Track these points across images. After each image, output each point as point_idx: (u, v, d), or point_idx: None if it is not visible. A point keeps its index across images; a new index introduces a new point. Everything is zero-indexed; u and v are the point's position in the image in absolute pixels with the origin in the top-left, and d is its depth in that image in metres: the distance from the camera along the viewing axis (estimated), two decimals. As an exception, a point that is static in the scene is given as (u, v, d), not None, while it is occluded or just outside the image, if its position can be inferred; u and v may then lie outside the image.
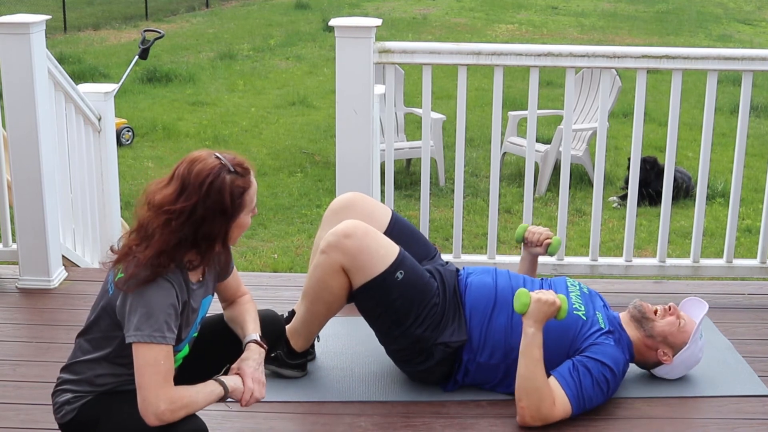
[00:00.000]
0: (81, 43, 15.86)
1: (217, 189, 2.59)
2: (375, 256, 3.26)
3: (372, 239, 3.28)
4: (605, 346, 3.31)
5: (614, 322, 3.45)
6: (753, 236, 6.84)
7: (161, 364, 2.53)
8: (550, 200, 7.89)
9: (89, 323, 2.74)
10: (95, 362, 2.69)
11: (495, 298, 3.39)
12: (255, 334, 2.88)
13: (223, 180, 2.60)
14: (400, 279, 3.27)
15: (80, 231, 4.90)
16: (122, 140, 9.33)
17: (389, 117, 4.50)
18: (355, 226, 3.28)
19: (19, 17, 4.17)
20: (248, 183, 2.67)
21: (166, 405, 2.52)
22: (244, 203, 2.66)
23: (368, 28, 4.12)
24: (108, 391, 2.70)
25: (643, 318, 3.47)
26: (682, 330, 3.47)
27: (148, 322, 2.53)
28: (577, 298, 3.45)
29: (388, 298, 3.27)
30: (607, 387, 3.28)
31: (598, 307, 3.48)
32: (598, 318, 3.41)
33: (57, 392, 2.75)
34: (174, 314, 2.58)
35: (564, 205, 4.44)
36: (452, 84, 4.13)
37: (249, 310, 2.97)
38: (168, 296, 2.57)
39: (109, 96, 4.99)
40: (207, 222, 2.59)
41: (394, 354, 3.45)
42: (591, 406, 3.25)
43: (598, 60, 4.25)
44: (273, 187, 8.27)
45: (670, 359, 3.46)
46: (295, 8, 20.70)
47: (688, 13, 21.17)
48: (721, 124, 9.99)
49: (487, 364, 3.36)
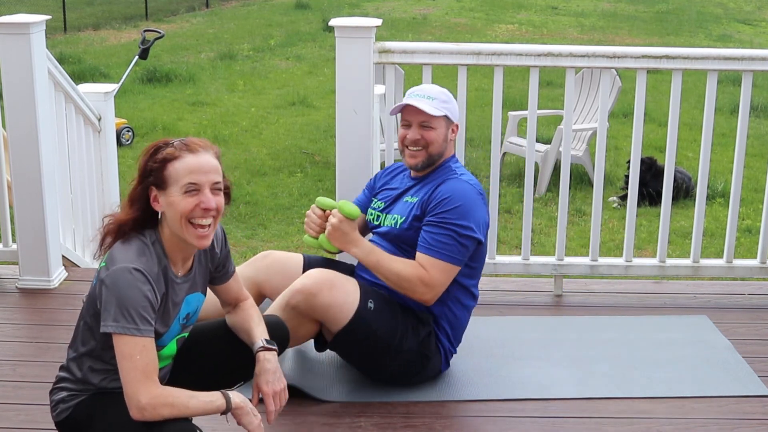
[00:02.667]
0: (81, 43, 15.86)
1: (147, 153, 2.67)
2: (344, 302, 3.28)
3: (338, 289, 3.29)
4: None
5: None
6: (753, 236, 6.84)
7: (137, 358, 2.52)
8: (550, 200, 7.89)
9: (78, 319, 2.76)
10: (85, 357, 2.70)
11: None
12: (262, 340, 2.89)
13: (156, 147, 2.67)
14: (373, 308, 3.31)
15: (80, 231, 4.90)
16: (122, 140, 9.32)
17: (389, 117, 4.49)
18: (320, 283, 3.27)
19: (19, 17, 4.17)
20: (176, 154, 2.64)
21: (147, 399, 2.52)
22: (165, 172, 2.63)
23: (368, 28, 4.12)
24: (102, 389, 2.70)
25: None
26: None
27: (122, 313, 2.52)
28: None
29: (370, 329, 3.31)
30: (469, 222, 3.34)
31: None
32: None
33: (54, 390, 2.76)
34: (149, 306, 2.57)
35: (564, 205, 4.44)
36: (452, 84, 4.12)
37: (252, 315, 2.98)
38: (142, 288, 2.55)
39: (109, 96, 4.99)
40: (134, 182, 2.68)
41: (399, 373, 3.44)
42: (467, 248, 3.33)
43: (598, 60, 4.25)
44: (273, 187, 8.26)
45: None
46: (295, 8, 20.70)
47: (688, 13, 21.16)
48: (721, 124, 9.98)
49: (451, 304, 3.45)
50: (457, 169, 3.48)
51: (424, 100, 3.43)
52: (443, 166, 3.49)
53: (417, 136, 3.44)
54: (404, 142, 3.48)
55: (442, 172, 3.47)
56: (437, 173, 3.48)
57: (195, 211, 2.63)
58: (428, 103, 3.43)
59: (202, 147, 2.67)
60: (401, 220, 3.46)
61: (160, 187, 2.64)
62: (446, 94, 3.49)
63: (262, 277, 3.54)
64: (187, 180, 2.62)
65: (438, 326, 3.46)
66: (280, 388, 2.84)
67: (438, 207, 3.34)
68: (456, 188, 3.37)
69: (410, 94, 3.47)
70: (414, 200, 3.47)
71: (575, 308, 4.31)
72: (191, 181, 2.62)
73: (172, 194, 2.63)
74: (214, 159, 2.68)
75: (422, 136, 3.44)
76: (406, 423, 3.26)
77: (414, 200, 3.47)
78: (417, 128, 3.44)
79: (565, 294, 4.47)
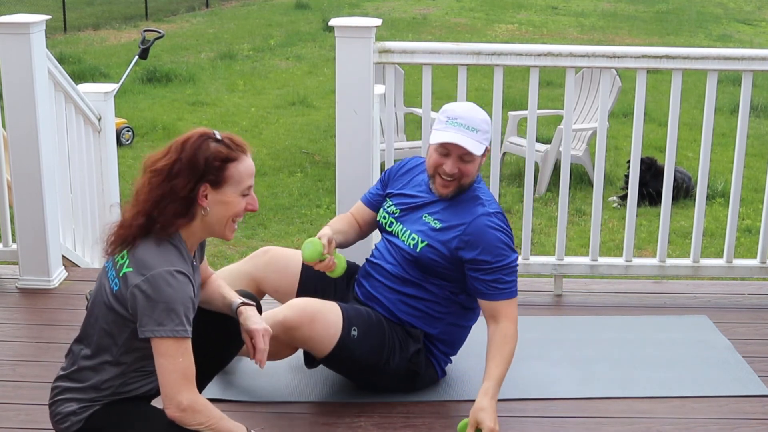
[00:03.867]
0: (81, 43, 15.85)
1: (194, 147, 2.61)
2: (326, 334, 3.23)
3: (319, 322, 3.21)
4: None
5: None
6: (753, 236, 6.84)
7: (179, 360, 2.53)
8: (550, 200, 7.89)
9: (87, 326, 2.70)
10: (100, 367, 2.65)
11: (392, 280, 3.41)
12: (238, 299, 2.91)
13: (203, 142, 2.62)
14: (356, 335, 3.27)
15: (80, 231, 4.90)
16: (122, 140, 9.32)
17: (389, 117, 4.49)
18: (300, 317, 3.19)
19: (19, 17, 4.17)
20: (234, 155, 2.64)
21: (188, 402, 2.53)
22: (227, 173, 2.62)
23: (368, 28, 4.12)
24: (115, 399, 2.66)
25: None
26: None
27: (170, 316, 2.51)
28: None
29: (353, 356, 3.29)
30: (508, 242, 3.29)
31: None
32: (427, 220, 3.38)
33: (58, 402, 2.69)
34: (192, 307, 2.58)
35: (564, 205, 4.44)
36: (452, 84, 4.13)
37: (221, 284, 3.00)
38: (186, 290, 2.55)
39: (109, 96, 4.99)
40: (180, 177, 2.59)
41: (391, 386, 3.43)
42: (515, 271, 3.32)
43: (598, 60, 4.25)
44: (273, 187, 8.27)
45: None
46: (295, 8, 20.69)
47: (688, 13, 21.16)
48: (721, 124, 9.98)
49: (440, 321, 3.42)
50: (482, 195, 3.35)
51: (468, 133, 3.23)
52: (470, 187, 3.36)
53: (455, 169, 3.27)
54: (437, 169, 3.31)
55: (467, 197, 3.35)
56: (463, 196, 3.35)
57: (243, 213, 2.69)
58: (473, 137, 3.24)
59: (248, 147, 2.70)
60: (422, 245, 3.33)
61: (216, 185, 2.62)
62: (488, 122, 3.32)
63: (260, 274, 3.54)
64: (248, 183, 2.67)
65: (431, 344, 3.44)
66: (264, 327, 2.84)
67: (485, 260, 3.24)
68: (492, 235, 3.25)
69: (453, 121, 3.26)
70: (437, 225, 3.33)
71: (575, 308, 4.31)
72: (251, 185, 2.68)
73: (227, 194, 2.63)
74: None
75: (459, 168, 3.27)
76: (406, 423, 3.26)
77: (437, 225, 3.33)
78: (455, 160, 3.26)
79: (565, 294, 4.47)
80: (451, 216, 3.33)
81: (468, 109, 3.32)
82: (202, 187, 2.61)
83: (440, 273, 3.34)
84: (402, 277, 3.39)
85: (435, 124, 3.36)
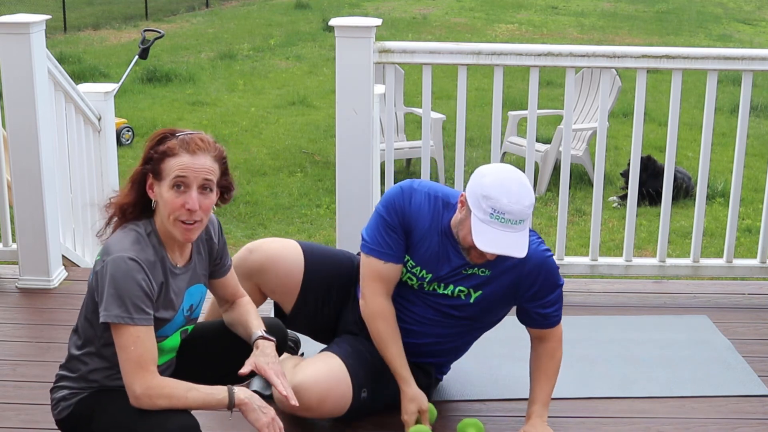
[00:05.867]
0: (81, 43, 15.85)
1: (152, 139, 2.70)
2: (336, 405, 3.08)
3: (330, 398, 3.04)
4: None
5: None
6: (753, 236, 6.84)
7: (131, 348, 2.54)
8: (550, 200, 7.89)
9: (79, 316, 2.77)
10: (87, 357, 2.71)
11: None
12: (260, 330, 2.89)
13: (162, 136, 2.69)
14: (367, 396, 3.16)
15: (80, 231, 4.90)
16: (122, 140, 9.32)
17: (389, 117, 4.50)
18: (311, 397, 3.00)
19: (19, 17, 4.16)
20: (175, 151, 2.63)
21: (141, 390, 2.54)
22: (162, 165, 2.64)
23: (368, 28, 4.12)
24: (103, 387, 2.71)
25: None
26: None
27: (116, 302, 2.54)
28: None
29: (366, 412, 3.20)
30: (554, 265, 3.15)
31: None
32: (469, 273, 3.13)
33: (54, 389, 2.78)
34: (144, 295, 2.57)
35: (564, 205, 4.44)
36: (452, 84, 4.13)
37: (250, 311, 2.98)
38: (136, 277, 2.56)
39: (109, 96, 4.99)
40: (140, 166, 2.70)
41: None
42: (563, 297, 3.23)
43: (598, 60, 4.25)
44: (273, 187, 8.26)
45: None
46: (295, 8, 20.69)
47: (688, 13, 21.16)
48: (721, 124, 9.98)
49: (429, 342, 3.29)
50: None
51: (516, 228, 2.86)
52: None
53: (493, 257, 2.97)
54: (476, 249, 2.93)
55: None
56: None
57: (180, 211, 2.64)
58: (521, 234, 2.89)
59: (202, 149, 2.66)
60: (475, 295, 3.13)
61: (157, 177, 2.66)
62: (533, 200, 2.89)
63: (257, 279, 3.33)
64: (174, 174, 2.63)
65: (439, 371, 3.40)
66: (277, 368, 2.76)
67: (546, 294, 3.17)
68: (550, 265, 3.12)
69: (499, 216, 2.83)
70: (486, 273, 3.09)
71: (575, 308, 4.30)
72: (182, 179, 2.63)
73: (163, 188, 2.65)
74: (211, 161, 2.67)
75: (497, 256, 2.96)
76: (406, 423, 3.25)
77: (486, 273, 3.09)
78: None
79: (565, 294, 4.45)
80: (499, 265, 3.07)
81: (516, 198, 2.84)
82: (148, 176, 2.67)
83: (487, 319, 3.27)
84: (432, 323, 3.23)
85: (471, 199, 2.89)
